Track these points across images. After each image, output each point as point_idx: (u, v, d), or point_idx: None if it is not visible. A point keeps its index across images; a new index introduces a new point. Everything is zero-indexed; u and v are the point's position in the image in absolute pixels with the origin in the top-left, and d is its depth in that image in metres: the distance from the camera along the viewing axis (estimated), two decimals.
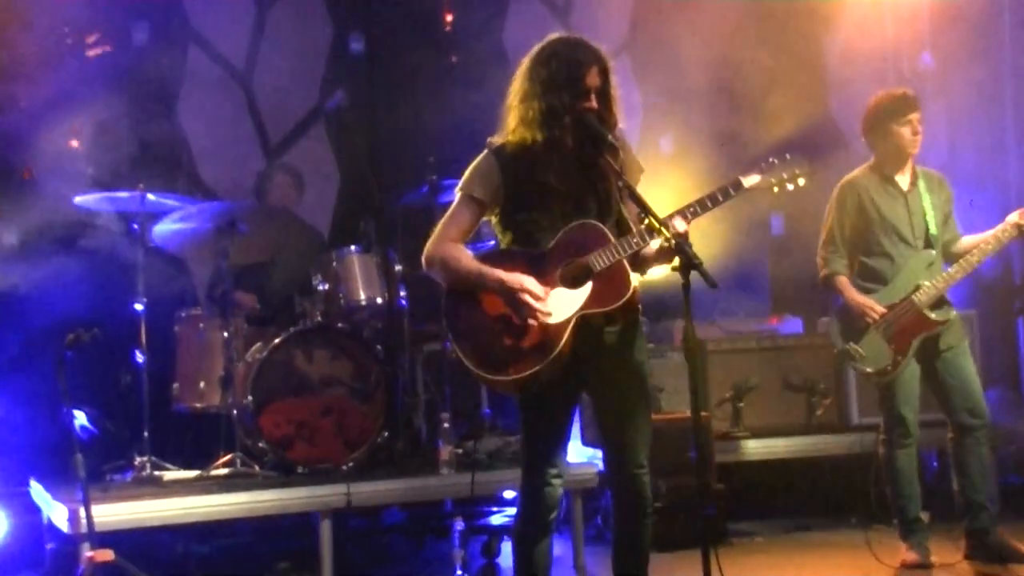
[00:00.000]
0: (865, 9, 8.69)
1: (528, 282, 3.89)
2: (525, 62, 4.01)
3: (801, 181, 4.09)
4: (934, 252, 5.46)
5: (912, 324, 5.39)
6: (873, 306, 5.41)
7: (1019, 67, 7.85)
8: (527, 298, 3.86)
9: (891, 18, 8.71)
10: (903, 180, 5.54)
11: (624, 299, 3.91)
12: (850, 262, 5.60)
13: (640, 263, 4.03)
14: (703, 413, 6.01)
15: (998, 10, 7.91)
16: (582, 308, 3.90)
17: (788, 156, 4.09)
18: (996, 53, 7.94)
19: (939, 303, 5.41)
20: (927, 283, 5.39)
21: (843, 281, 5.53)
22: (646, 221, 3.85)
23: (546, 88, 3.92)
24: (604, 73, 3.97)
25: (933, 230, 5.47)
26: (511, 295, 3.88)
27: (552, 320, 3.88)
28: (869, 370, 5.46)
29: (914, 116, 5.46)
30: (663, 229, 3.79)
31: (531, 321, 3.87)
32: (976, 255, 5.41)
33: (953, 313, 5.45)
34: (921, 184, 5.53)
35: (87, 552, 4.76)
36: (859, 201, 5.54)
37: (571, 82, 3.91)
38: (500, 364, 3.90)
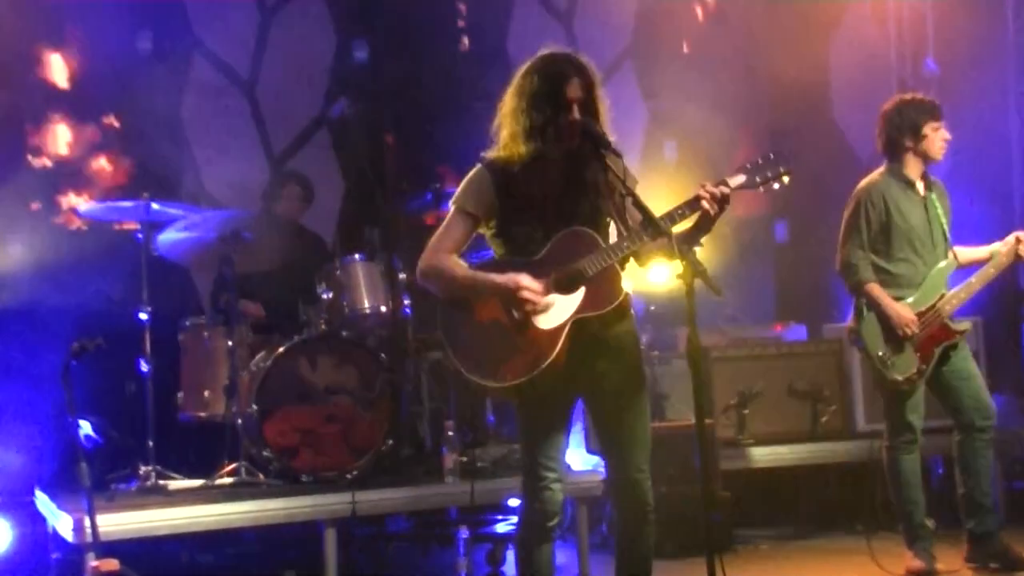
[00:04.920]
0: (869, 15, 8.70)
1: (523, 279, 3.89)
2: (514, 78, 4.05)
3: (786, 179, 4.07)
4: (954, 261, 5.46)
5: (937, 333, 5.39)
6: (912, 322, 5.36)
7: (1023, 72, 7.85)
8: (525, 294, 3.87)
9: (895, 24, 8.72)
10: (919, 186, 5.53)
11: (618, 302, 3.94)
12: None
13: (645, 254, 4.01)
14: (707, 420, 5.99)
15: (1001, 15, 7.92)
16: (576, 312, 3.91)
17: (772, 155, 4.08)
18: (1000, 58, 7.95)
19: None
20: (950, 293, 5.39)
21: (877, 289, 5.44)
22: (652, 228, 3.85)
23: (530, 102, 3.96)
24: (588, 87, 3.99)
25: (949, 237, 5.47)
26: (508, 295, 3.89)
27: (547, 326, 3.90)
28: (899, 377, 5.41)
29: (943, 124, 5.46)
30: (668, 235, 3.80)
31: (532, 317, 3.87)
32: (993, 267, 5.43)
33: (968, 324, 5.46)
34: (933, 190, 5.53)
35: (92, 562, 4.76)
36: (885, 206, 5.48)
37: (551, 95, 3.94)
38: (496, 371, 3.91)
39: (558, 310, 3.92)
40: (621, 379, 4.02)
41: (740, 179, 4.01)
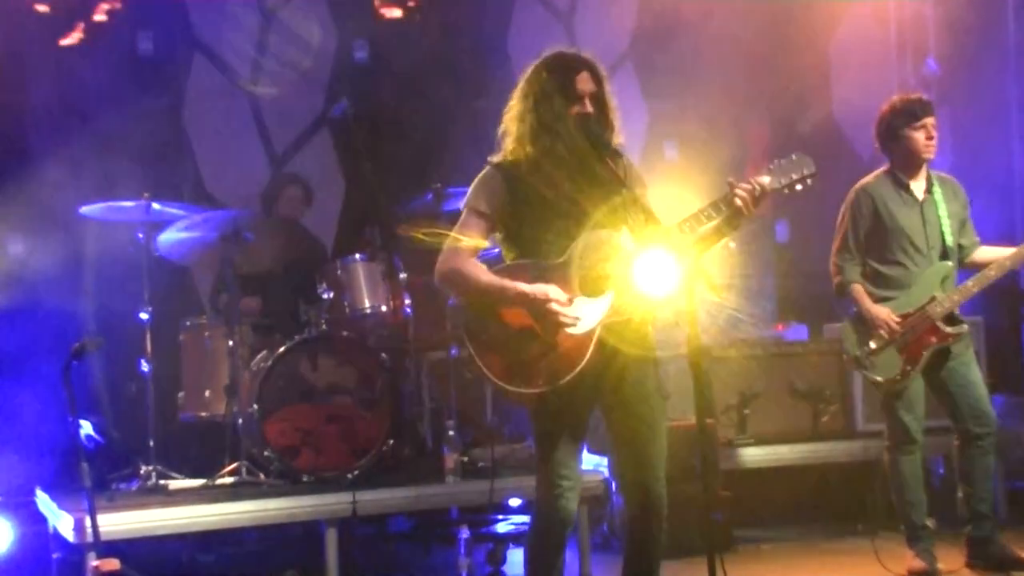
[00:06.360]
0: (869, 15, 8.70)
1: (553, 291, 3.85)
2: (519, 83, 4.02)
3: (810, 181, 4.05)
4: (950, 264, 5.41)
5: (925, 336, 5.35)
6: (890, 322, 5.36)
7: (1023, 72, 7.86)
8: (554, 307, 3.83)
9: (895, 23, 8.72)
10: (918, 187, 5.49)
11: (648, 306, 3.91)
12: (862, 268, 5.56)
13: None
14: (708, 420, 5.99)
15: (1003, 15, 7.92)
16: (606, 317, 3.88)
17: (794, 156, 4.06)
18: (1000, 58, 7.95)
19: (952, 316, 5.38)
20: (942, 295, 5.36)
21: (859, 290, 5.46)
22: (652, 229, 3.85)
23: (538, 100, 3.92)
24: (597, 80, 3.97)
25: (949, 241, 5.42)
26: (537, 307, 3.85)
27: (577, 330, 3.87)
28: (879, 379, 5.41)
29: (928, 121, 5.41)
30: (669, 237, 3.80)
31: (559, 332, 3.84)
32: (995, 270, 5.36)
33: (966, 327, 5.42)
34: (937, 192, 5.48)
35: (93, 561, 4.76)
36: (874, 207, 5.48)
37: (562, 88, 3.92)
38: (527, 377, 3.86)
39: (586, 314, 3.88)
40: (644, 385, 3.99)
41: (765, 180, 3.99)
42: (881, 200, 5.48)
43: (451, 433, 5.91)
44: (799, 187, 4.04)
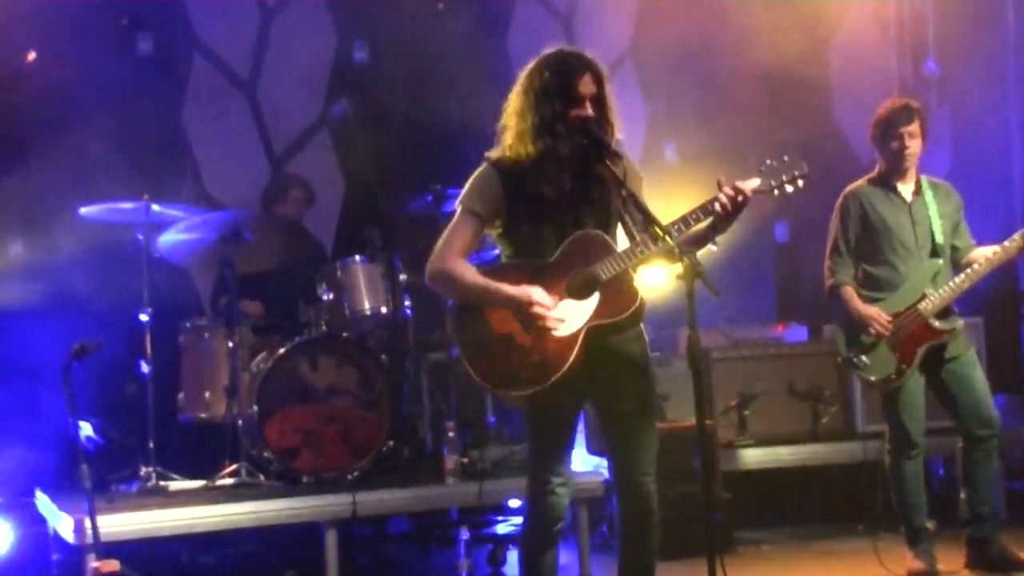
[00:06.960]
0: (869, 15, 8.70)
1: (536, 294, 3.86)
2: (520, 78, 4.02)
3: (800, 183, 4.05)
4: (940, 261, 5.43)
5: (918, 333, 5.36)
6: (879, 320, 5.37)
7: (1023, 72, 7.86)
8: (537, 310, 3.84)
9: (895, 24, 8.72)
10: (906, 189, 5.52)
11: (633, 308, 3.91)
12: (855, 271, 5.58)
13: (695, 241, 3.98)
14: (708, 421, 5.99)
15: (1001, 15, 7.92)
16: (592, 319, 3.88)
17: (786, 158, 4.06)
18: (999, 58, 7.95)
19: (945, 312, 5.39)
20: (933, 292, 5.37)
21: (849, 292, 5.49)
22: (651, 228, 3.85)
23: (539, 99, 3.92)
24: (599, 81, 3.97)
25: (939, 239, 5.44)
26: (520, 309, 3.86)
27: (562, 332, 3.87)
28: (873, 379, 5.43)
29: (905, 129, 5.43)
30: (668, 237, 3.80)
31: (543, 333, 3.85)
32: (984, 265, 5.38)
33: (959, 323, 5.43)
34: (927, 193, 5.51)
35: (93, 563, 4.76)
36: (862, 210, 5.52)
37: (564, 89, 3.91)
38: (513, 378, 3.87)
39: (573, 315, 3.88)
40: (633, 385, 4.00)
41: (755, 182, 3.98)
42: (869, 203, 5.53)
43: (451, 434, 5.90)
44: (790, 188, 4.04)
